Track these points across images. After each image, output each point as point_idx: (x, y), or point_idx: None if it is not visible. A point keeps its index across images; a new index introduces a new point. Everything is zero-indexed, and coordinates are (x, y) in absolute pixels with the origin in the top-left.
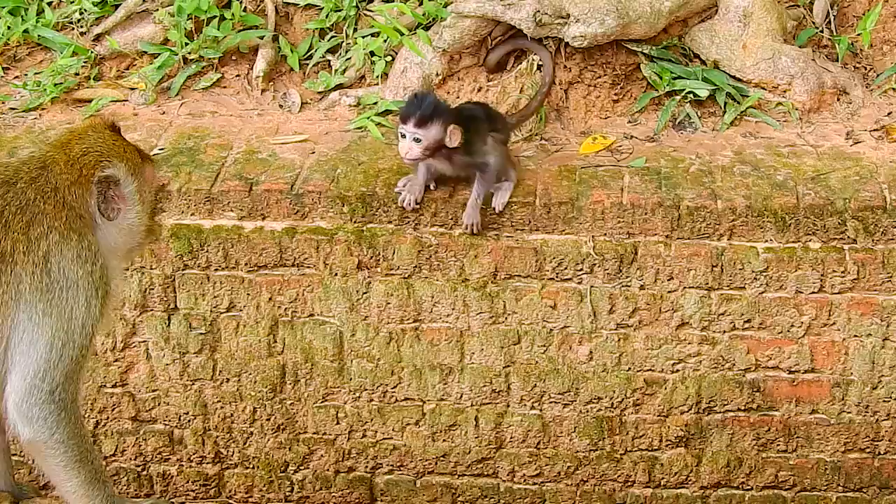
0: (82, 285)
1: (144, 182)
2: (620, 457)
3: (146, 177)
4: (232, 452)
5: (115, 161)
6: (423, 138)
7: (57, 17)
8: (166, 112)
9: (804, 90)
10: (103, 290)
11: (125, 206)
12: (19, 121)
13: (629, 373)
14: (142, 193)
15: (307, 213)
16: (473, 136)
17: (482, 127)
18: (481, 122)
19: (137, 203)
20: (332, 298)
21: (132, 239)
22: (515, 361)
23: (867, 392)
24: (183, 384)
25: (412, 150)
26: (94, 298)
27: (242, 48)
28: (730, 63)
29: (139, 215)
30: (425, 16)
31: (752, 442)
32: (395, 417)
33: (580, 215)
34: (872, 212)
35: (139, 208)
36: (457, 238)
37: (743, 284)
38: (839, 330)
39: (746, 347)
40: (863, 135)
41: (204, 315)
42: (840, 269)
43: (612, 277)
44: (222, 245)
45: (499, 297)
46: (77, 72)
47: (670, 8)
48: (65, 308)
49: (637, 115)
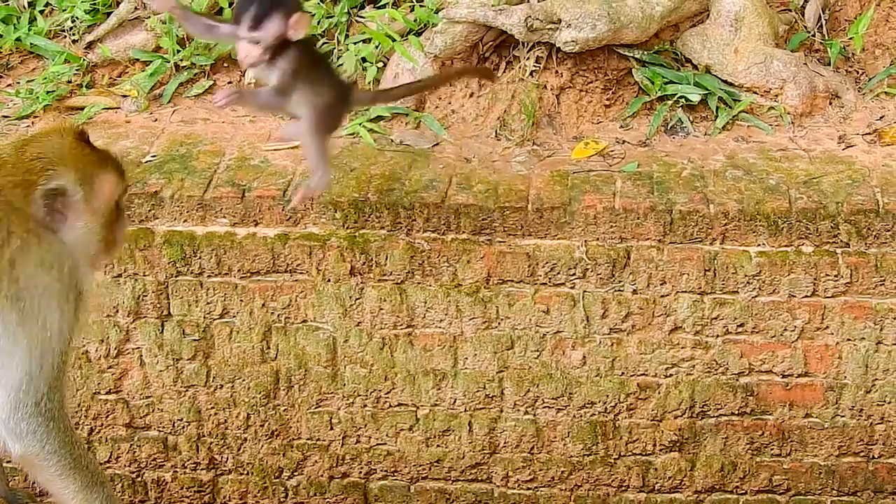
0: (53, 290)
1: (97, 193)
2: (614, 461)
3: (102, 188)
4: (226, 458)
5: (63, 170)
6: (262, 39)
7: (49, 25)
8: (158, 119)
9: (796, 94)
10: (74, 292)
11: (73, 216)
12: (11, 129)
13: (622, 377)
14: (92, 205)
15: (300, 220)
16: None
17: (329, 72)
18: (330, 67)
19: (87, 214)
20: (325, 304)
21: (86, 249)
22: (509, 366)
23: (861, 396)
24: (177, 390)
25: (251, 53)
26: (66, 303)
27: (234, 55)
28: (721, 67)
29: (88, 227)
30: (417, 22)
31: (745, 446)
32: (389, 423)
33: (572, 220)
34: (865, 215)
35: (89, 219)
36: (449, 243)
37: (736, 288)
38: (832, 334)
39: (740, 351)
40: (855, 139)
41: (197, 321)
42: (833, 273)
43: (605, 282)
44: (215, 251)
45: (492, 303)
46: (69, 79)
47: (662, 13)
48: (38, 316)
49: (629, 119)
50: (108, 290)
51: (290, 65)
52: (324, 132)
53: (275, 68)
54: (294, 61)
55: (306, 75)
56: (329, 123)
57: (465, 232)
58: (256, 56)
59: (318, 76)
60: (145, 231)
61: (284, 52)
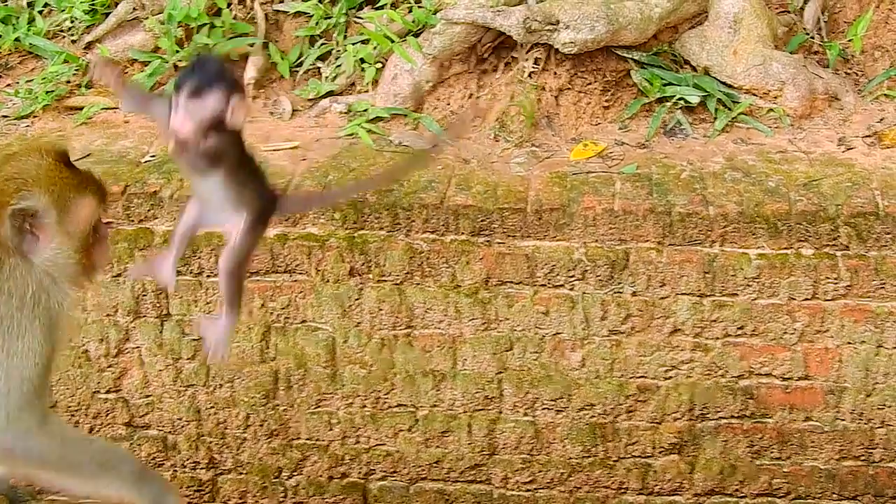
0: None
1: (72, 216)
2: (614, 463)
3: (77, 211)
4: (225, 458)
5: (37, 191)
6: (198, 111)
7: (48, 25)
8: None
9: (795, 96)
10: (44, 317)
11: (45, 238)
12: (11, 129)
13: (622, 379)
14: (65, 227)
15: (299, 220)
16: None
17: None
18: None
19: (59, 236)
20: (325, 305)
21: (61, 271)
22: (508, 368)
23: (861, 399)
24: (176, 390)
25: (184, 126)
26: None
27: (232, 55)
28: (720, 69)
29: (62, 250)
30: (415, 23)
31: (745, 449)
32: (388, 423)
33: (571, 222)
34: (865, 218)
35: (63, 241)
36: (448, 244)
37: (735, 291)
38: (832, 337)
39: (739, 354)
40: (855, 141)
41: (197, 321)
42: (833, 276)
43: (604, 284)
44: (214, 251)
45: (491, 304)
46: (68, 79)
47: (660, 14)
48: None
49: (628, 121)
50: (108, 289)
51: (220, 150)
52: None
53: (204, 157)
54: (226, 148)
55: (236, 172)
56: (256, 236)
57: (464, 233)
58: (189, 130)
59: (249, 175)
60: (145, 231)
61: (218, 138)
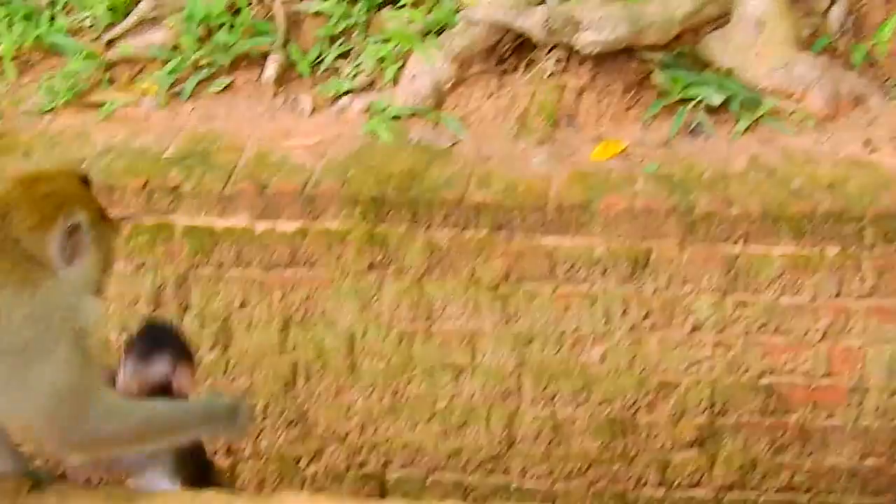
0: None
1: (102, 238)
2: (633, 457)
3: (105, 234)
4: (244, 446)
5: (77, 208)
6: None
7: (69, 22)
8: (177, 116)
9: (820, 98)
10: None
11: (79, 256)
12: (34, 123)
13: (642, 375)
14: (98, 247)
15: (319, 215)
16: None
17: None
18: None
19: (92, 254)
20: (344, 298)
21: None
22: (527, 362)
23: (885, 398)
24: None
25: (129, 389)
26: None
27: (253, 54)
28: (744, 71)
29: (91, 268)
30: (436, 22)
31: (766, 445)
32: (407, 415)
33: (593, 219)
34: (891, 219)
35: (94, 260)
36: (468, 240)
37: (758, 289)
38: (856, 336)
39: (761, 352)
40: (881, 143)
41: (216, 313)
42: (857, 276)
43: (625, 281)
44: (234, 245)
45: (510, 299)
46: (89, 76)
47: (683, 16)
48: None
49: (649, 121)
50: (129, 280)
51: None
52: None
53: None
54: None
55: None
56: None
57: (484, 229)
58: (134, 392)
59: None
60: (166, 224)
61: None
